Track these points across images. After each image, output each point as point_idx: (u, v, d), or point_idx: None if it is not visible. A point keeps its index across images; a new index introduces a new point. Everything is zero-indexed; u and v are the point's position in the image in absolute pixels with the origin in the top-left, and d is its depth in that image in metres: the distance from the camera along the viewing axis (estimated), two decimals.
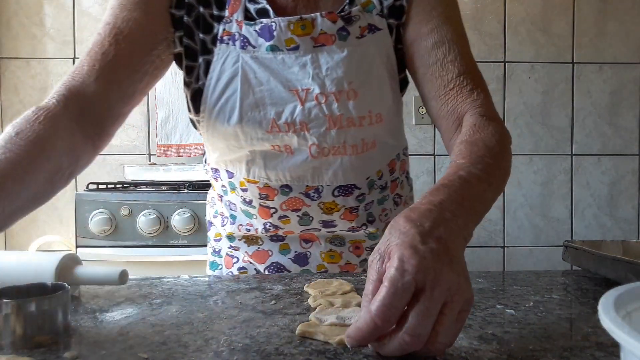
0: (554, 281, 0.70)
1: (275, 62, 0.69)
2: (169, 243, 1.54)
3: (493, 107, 0.71)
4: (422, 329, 0.38)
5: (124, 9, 0.70)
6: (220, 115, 0.70)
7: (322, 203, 0.75)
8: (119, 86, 0.69)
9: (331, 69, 0.69)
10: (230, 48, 0.70)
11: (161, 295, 0.63)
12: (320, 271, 0.82)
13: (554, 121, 2.07)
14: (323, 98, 0.69)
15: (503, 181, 0.59)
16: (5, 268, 0.59)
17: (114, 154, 2.00)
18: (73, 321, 0.52)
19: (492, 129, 0.64)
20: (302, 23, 0.69)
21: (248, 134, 0.70)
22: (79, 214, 1.54)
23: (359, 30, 0.71)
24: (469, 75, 0.71)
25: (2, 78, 1.98)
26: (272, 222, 0.78)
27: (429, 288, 0.39)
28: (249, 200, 0.77)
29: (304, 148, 0.71)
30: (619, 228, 2.10)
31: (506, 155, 0.63)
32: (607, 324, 0.29)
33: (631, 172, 2.10)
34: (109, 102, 0.69)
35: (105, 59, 0.67)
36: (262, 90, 0.69)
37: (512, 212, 2.07)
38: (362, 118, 0.71)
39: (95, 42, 0.69)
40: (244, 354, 0.43)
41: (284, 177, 0.73)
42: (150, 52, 0.71)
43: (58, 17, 1.98)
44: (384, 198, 0.81)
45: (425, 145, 2.03)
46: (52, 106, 0.63)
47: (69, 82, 0.66)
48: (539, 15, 2.05)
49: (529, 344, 0.45)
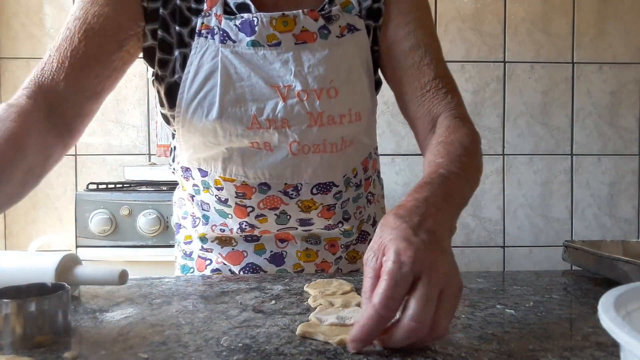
0: (554, 281, 0.70)
1: (256, 58, 0.68)
2: (169, 243, 1.54)
3: (465, 110, 0.74)
4: (425, 314, 0.40)
5: (95, 4, 0.68)
6: (199, 111, 0.69)
7: (300, 201, 0.75)
8: (89, 84, 0.68)
9: (313, 67, 0.69)
10: (209, 42, 0.69)
11: (161, 295, 0.63)
12: (296, 270, 0.81)
13: (554, 121, 2.07)
14: (305, 95, 0.69)
15: (478, 178, 0.64)
16: (5, 268, 0.59)
17: (114, 154, 2.01)
18: (73, 321, 0.52)
19: (466, 129, 0.68)
20: (284, 19, 0.68)
21: (227, 130, 0.69)
22: (79, 214, 1.54)
23: (338, 30, 0.72)
24: (443, 79, 0.73)
25: (2, 78, 1.98)
26: (249, 222, 0.77)
27: (426, 276, 0.41)
28: (225, 199, 0.76)
29: (284, 145, 0.71)
30: (619, 228, 2.10)
31: (479, 155, 0.67)
32: (607, 324, 0.29)
33: (631, 172, 2.10)
34: (79, 100, 0.68)
35: (74, 56, 0.66)
36: (242, 85, 0.68)
37: (512, 212, 2.07)
38: (342, 116, 0.71)
39: (64, 37, 0.67)
40: (244, 354, 0.43)
41: (263, 175, 0.72)
42: (120, 48, 0.70)
43: (58, 17, 1.98)
44: (358, 196, 0.81)
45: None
46: (23, 103, 0.62)
47: (38, 78, 0.66)
48: (539, 15, 2.05)
49: (529, 344, 0.45)
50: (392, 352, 0.43)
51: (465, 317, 0.53)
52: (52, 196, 1.99)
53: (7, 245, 1.99)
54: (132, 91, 2.01)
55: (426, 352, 0.43)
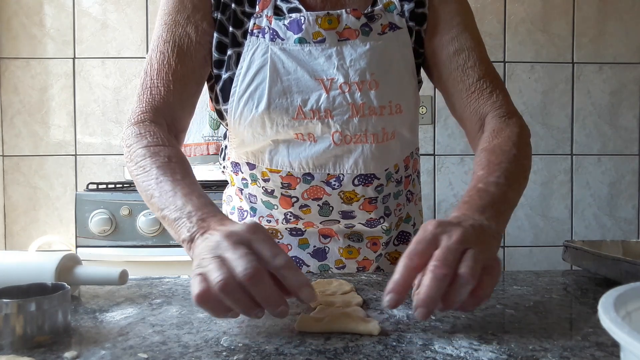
0: (554, 281, 0.70)
1: (302, 53, 0.74)
2: (169, 243, 1.54)
3: (511, 104, 0.78)
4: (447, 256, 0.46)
5: (178, 25, 0.75)
6: (249, 103, 0.74)
7: (342, 192, 0.78)
8: (190, 98, 0.77)
9: (354, 61, 0.74)
10: (260, 40, 0.75)
11: (161, 295, 0.63)
12: (338, 266, 0.84)
13: (554, 121, 2.07)
14: (347, 87, 0.74)
15: (524, 177, 0.68)
16: (5, 268, 0.59)
17: (114, 154, 2.01)
18: (73, 321, 0.52)
19: (509, 130, 0.72)
20: (329, 18, 0.75)
21: (274, 120, 0.73)
22: (79, 214, 1.54)
23: (380, 28, 0.77)
24: (488, 78, 0.78)
25: (2, 78, 1.98)
26: (293, 212, 0.80)
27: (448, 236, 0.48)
28: (271, 190, 0.80)
29: (327, 135, 0.74)
30: (619, 228, 2.10)
31: (523, 153, 0.70)
32: (607, 324, 0.29)
33: (631, 172, 2.10)
34: (185, 112, 0.78)
35: (176, 79, 0.74)
36: (289, 79, 0.73)
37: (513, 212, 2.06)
38: (382, 107, 0.75)
39: (160, 61, 0.75)
40: (244, 354, 0.43)
41: (307, 165, 0.76)
42: (206, 62, 0.77)
43: (58, 17, 1.98)
44: (399, 192, 0.84)
45: (425, 145, 2.03)
46: (158, 129, 0.71)
47: (152, 103, 0.73)
48: (539, 15, 2.05)
49: (529, 344, 0.45)
50: (392, 352, 0.43)
51: (465, 317, 0.53)
52: (52, 196, 1.99)
53: (7, 245, 1.99)
54: (132, 91, 2.01)
55: (426, 352, 0.43)
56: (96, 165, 2.01)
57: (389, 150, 0.78)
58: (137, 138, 0.68)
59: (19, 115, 1.98)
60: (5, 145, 1.99)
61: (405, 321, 0.52)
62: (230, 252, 0.46)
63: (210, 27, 0.76)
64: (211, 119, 1.99)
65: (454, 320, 0.52)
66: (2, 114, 1.99)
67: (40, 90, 1.98)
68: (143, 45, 2.01)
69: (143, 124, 0.71)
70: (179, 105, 0.76)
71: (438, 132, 2.04)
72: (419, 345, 0.45)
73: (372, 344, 0.45)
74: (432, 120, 2.03)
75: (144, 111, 0.73)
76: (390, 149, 0.78)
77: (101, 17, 2.00)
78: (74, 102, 2.00)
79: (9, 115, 1.98)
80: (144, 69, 0.76)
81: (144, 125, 0.70)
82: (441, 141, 2.04)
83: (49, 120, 1.99)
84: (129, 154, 0.68)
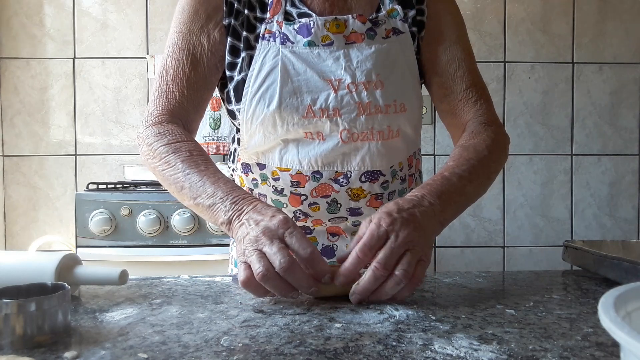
0: (554, 281, 0.70)
1: (311, 56, 0.78)
2: (169, 243, 1.54)
3: (493, 113, 0.85)
4: (388, 260, 0.57)
5: (192, 34, 0.80)
6: (261, 102, 0.77)
7: (350, 189, 0.80)
8: (203, 103, 0.84)
9: (361, 62, 0.78)
10: (271, 44, 0.78)
11: (161, 295, 0.63)
12: None
13: (554, 121, 2.07)
14: (354, 87, 0.77)
15: (488, 177, 0.76)
16: (5, 268, 0.59)
17: (114, 154, 2.01)
18: (73, 321, 0.52)
19: (486, 135, 0.79)
20: (337, 22, 0.79)
21: (285, 119, 0.76)
22: (79, 214, 1.54)
23: (384, 32, 0.81)
24: (474, 88, 0.84)
25: (2, 78, 1.98)
26: (302, 210, 0.83)
27: (395, 236, 0.58)
28: (281, 189, 0.82)
29: (335, 134, 0.78)
30: (619, 228, 2.10)
31: (494, 156, 0.78)
32: (607, 324, 0.29)
33: (631, 172, 2.10)
34: (198, 115, 0.84)
35: (191, 85, 0.80)
36: (299, 79, 0.77)
37: (512, 212, 2.07)
38: (387, 106, 0.78)
39: (175, 68, 0.80)
40: (244, 354, 0.43)
41: (316, 163, 0.78)
42: (218, 70, 0.82)
43: (58, 17, 1.98)
44: (403, 190, 0.86)
45: (425, 145, 2.03)
46: (176, 128, 0.78)
47: (168, 107, 0.80)
48: (539, 15, 2.05)
49: (529, 344, 0.45)
50: (392, 352, 0.43)
51: (465, 317, 0.53)
52: (52, 196, 1.99)
53: (7, 245, 1.99)
54: (132, 91, 2.01)
55: (426, 352, 0.43)
56: (96, 165, 2.01)
57: (394, 148, 0.81)
58: (157, 137, 0.75)
59: (19, 115, 1.98)
60: (5, 145, 1.99)
61: (405, 321, 0.52)
62: (267, 247, 0.57)
63: (222, 35, 0.80)
64: (211, 119, 1.99)
65: (454, 320, 0.52)
66: (2, 114, 1.99)
67: (40, 90, 1.99)
68: (143, 45, 2.01)
69: (162, 124, 0.78)
70: (192, 109, 0.82)
71: (438, 132, 2.04)
72: (419, 345, 0.45)
73: (372, 344, 0.45)
74: (432, 120, 2.04)
75: (162, 113, 0.79)
76: (395, 147, 0.81)
77: (101, 17, 2.00)
78: (74, 102, 2.00)
79: (9, 115, 1.98)
80: (158, 73, 0.81)
81: (163, 126, 0.77)
82: (441, 141, 2.04)
83: (49, 120, 1.99)
84: (151, 152, 0.75)
